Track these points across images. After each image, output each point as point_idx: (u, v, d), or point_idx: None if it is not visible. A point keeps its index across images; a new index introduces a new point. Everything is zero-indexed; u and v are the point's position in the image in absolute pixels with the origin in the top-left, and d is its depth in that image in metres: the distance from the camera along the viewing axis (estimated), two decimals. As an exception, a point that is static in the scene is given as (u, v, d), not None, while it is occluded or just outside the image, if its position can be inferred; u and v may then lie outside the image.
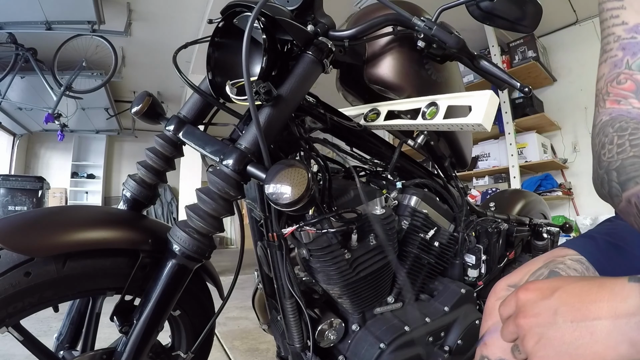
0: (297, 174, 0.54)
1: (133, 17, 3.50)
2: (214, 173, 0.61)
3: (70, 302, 0.75)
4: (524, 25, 0.69)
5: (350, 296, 0.72)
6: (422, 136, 0.85)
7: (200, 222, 0.61)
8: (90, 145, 6.93)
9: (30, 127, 5.97)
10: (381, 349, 0.71)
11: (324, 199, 0.68)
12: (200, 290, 0.78)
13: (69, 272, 0.58)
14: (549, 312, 0.33)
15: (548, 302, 0.33)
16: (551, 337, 0.32)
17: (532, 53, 3.24)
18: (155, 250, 0.65)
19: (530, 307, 0.34)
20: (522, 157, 3.26)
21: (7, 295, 0.54)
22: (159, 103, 0.75)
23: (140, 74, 4.76)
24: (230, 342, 1.80)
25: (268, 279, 0.80)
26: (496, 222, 1.00)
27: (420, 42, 0.71)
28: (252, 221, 0.80)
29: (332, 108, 0.82)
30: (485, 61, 0.72)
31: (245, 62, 0.53)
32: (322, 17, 0.70)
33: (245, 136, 0.62)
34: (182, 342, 0.79)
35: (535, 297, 0.34)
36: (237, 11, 0.65)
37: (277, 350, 0.90)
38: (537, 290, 0.35)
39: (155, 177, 0.73)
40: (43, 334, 1.65)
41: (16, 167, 6.09)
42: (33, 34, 3.39)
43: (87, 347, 0.72)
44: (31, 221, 0.58)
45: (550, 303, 0.33)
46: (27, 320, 0.58)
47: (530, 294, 0.35)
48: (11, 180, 3.93)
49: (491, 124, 0.67)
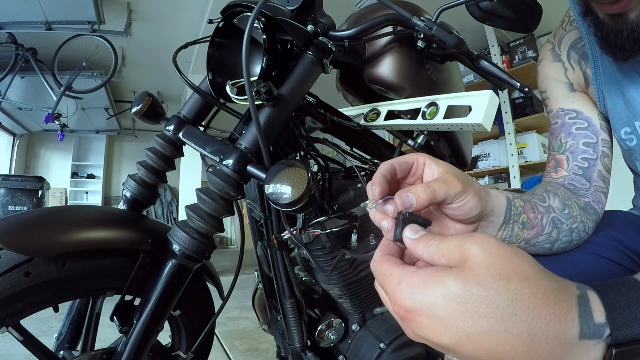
0: (297, 174, 0.54)
1: (133, 17, 3.50)
2: (214, 173, 0.61)
3: (70, 302, 0.75)
4: (524, 25, 0.69)
5: (350, 296, 0.72)
6: (422, 136, 0.85)
7: (200, 222, 0.61)
8: (90, 145, 6.93)
9: (30, 127, 5.98)
10: (381, 348, 0.71)
11: (324, 199, 0.68)
12: (200, 290, 0.78)
13: (69, 272, 0.58)
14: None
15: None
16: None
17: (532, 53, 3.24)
18: (155, 250, 0.65)
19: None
20: (522, 157, 3.26)
21: (7, 295, 0.54)
22: (159, 103, 0.75)
23: (140, 74, 4.76)
24: (230, 342, 1.80)
25: (268, 279, 0.80)
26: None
27: (420, 42, 0.71)
28: (252, 221, 0.81)
29: (332, 108, 0.82)
30: (485, 61, 0.72)
31: (245, 62, 0.53)
32: (322, 17, 0.70)
33: (245, 136, 0.62)
34: (182, 342, 0.79)
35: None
36: (237, 11, 0.65)
37: (277, 350, 0.90)
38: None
39: (155, 177, 0.73)
40: (43, 334, 1.65)
41: (16, 167, 6.09)
42: (33, 34, 3.39)
43: (87, 347, 0.72)
44: (31, 221, 0.58)
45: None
46: (27, 320, 0.58)
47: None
48: (11, 180, 3.94)
49: (491, 124, 0.67)
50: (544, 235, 0.53)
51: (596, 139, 0.63)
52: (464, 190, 0.38)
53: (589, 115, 0.65)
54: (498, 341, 0.24)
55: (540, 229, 0.52)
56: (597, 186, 0.62)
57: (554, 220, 0.54)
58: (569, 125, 0.65)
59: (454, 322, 0.25)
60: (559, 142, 0.65)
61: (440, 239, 0.30)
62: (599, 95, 0.63)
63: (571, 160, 0.63)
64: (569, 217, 0.56)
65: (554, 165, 0.65)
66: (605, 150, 0.64)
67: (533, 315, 0.24)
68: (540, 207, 0.53)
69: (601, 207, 0.63)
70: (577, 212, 0.57)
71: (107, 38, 3.50)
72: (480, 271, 0.26)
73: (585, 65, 0.64)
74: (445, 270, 0.27)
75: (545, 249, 0.55)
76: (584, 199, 0.61)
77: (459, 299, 0.25)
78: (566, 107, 0.67)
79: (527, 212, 0.51)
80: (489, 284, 0.25)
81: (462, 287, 0.25)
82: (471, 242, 0.27)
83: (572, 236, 0.56)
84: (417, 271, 0.28)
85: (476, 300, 0.25)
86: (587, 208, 0.60)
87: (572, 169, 0.63)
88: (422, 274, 0.28)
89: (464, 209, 0.39)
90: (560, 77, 0.68)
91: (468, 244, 0.27)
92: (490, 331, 0.24)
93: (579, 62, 0.66)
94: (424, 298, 0.26)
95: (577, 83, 0.67)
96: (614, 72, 0.60)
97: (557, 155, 0.65)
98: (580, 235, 0.57)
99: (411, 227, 0.33)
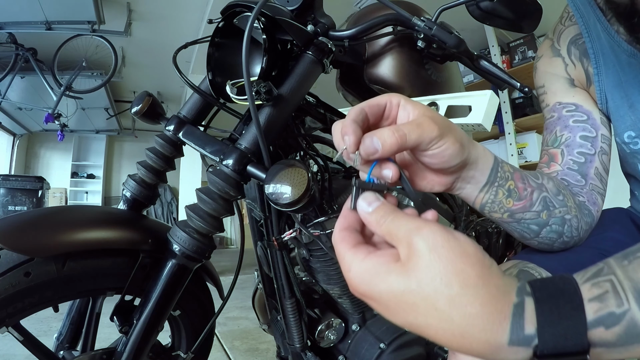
0: (297, 174, 0.54)
1: (133, 17, 3.50)
2: (214, 173, 0.61)
3: (70, 302, 0.75)
4: (524, 25, 0.69)
5: (350, 296, 0.72)
6: (422, 136, 0.85)
7: (200, 222, 0.61)
8: (90, 145, 6.94)
9: (30, 127, 5.98)
10: (381, 349, 0.71)
11: (324, 198, 0.68)
12: (200, 290, 0.78)
13: (69, 272, 0.58)
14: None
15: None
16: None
17: (532, 53, 3.24)
18: (155, 250, 0.65)
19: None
20: (522, 157, 3.26)
21: (7, 295, 0.54)
22: (159, 103, 0.75)
23: (140, 74, 4.76)
24: (230, 342, 1.80)
25: (268, 279, 0.80)
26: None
27: (420, 42, 0.71)
28: (252, 221, 0.80)
29: (332, 108, 0.82)
30: (485, 61, 0.72)
31: (245, 62, 0.53)
32: (322, 17, 0.70)
33: (245, 136, 0.62)
34: (182, 342, 0.79)
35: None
36: (237, 11, 0.65)
37: (277, 350, 0.90)
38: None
39: (155, 177, 0.73)
40: (43, 334, 1.65)
41: (16, 167, 6.10)
42: (33, 34, 3.39)
43: (87, 347, 0.72)
44: (31, 221, 0.58)
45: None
46: (27, 320, 0.58)
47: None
48: (11, 180, 3.94)
49: (491, 124, 0.67)
50: (532, 213, 0.48)
51: (595, 133, 0.58)
52: (441, 136, 0.34)
53: (588, 109, 0.60)
54: (437, 333, 0.27)
55: (529, 203, 0.47)
56: (594, 185, 0.57)
57: (546, 200, 0.48)
58: (565, 118, 0.60)
59: (397, 313, 0.28)
60: (553, 136, 0.60)
61: (392, 217, 0.29)
62: (601, 97, 0.59)
63: (566, 154, 0.58)
64: (563, 205, 0.50)
65: (547, 160, 0.60)
66: (604, 147, 0.58)
67: (467, 322, 0.26)
68: (532, 181, 0.48)
69: (597, 209, 0.57)
70: (571, 204, 0.51)
71: (107, 38, 3.50)
72: (422, 273, 0.26)
73: (587, 63, 0.60)
74: (389, 266, 0.28)
75: (531, 232, 0.50)
76: (578, 197, 0.55)
77: (400, 296, 0.27)
78: (564, 100, 0.62)
79: (515, 180, 0.46)
80: (430, 288, 0.26)
81: (403, 286, 0.27)
82: (419, 237, 0.27)
83: (563, 228, 0.51)
84: (366, 259, 0.29)
85: (416, 299, 0.26)
86: (581, 208, 0.53)
87: (567, 164, 0.57)
88: (369, 264, 0.28)
89: (442, 157, 0.36)
90: (560, 72, 0.64)
91: (415, 239, 0.27)
92: (430, 326, 0.27)
93: (580, 59, 0.62)
94: (370, 288, 0.28)
95: (578, 79, 0.62)
96: (617, 73, 0.57)
97: (550, 150, 0.60)
98: (572, 232, 0.52)
99: (365, 196, 0.31)
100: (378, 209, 0.30)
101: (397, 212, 0.30)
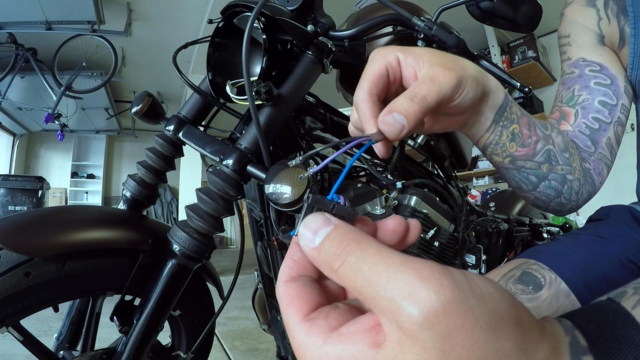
0: (297, 174, 0.54)
1: (133, 17, 3.50)
2: (214, 173, 0.61)
3: (70, 302, 0.75)
4: (524, 25, 0.69)
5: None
6: (422, 136, 0.85)
7: (200, 222, 0.61)
8: (90, 145, 6.94)
9: (30, 127, 5.98)
10: (381, 349, 0.71)
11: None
12: (200, 290, 0.78)
13: (69, 272, 0.58)
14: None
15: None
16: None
17: (532, 53, 3.24)
18: (155, 250, 0.65)
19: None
20: (522, 157, 3.26)
21: (7, 295, 0.54)
22: (159, 103, 0.75)
23: (140, 74, 4.76)
24: (230, 342, 1.80)
25: (268, 279, 0.80)
26: (496, 222, 1.00)
27: (420, 42, 0.71)
28: (252, 221, 0.80)
29: (332, 108, 0.82)
30: (485, 61, 0.72)
31: (245, 62, 0.53)
32: (322, 17, 0.70)
33: (245, 136, 0.63)
34: (182, 342, 0.79)
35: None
36: (237, 11, 0.65)
37: (277, 350, 0.90)
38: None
39: (155, 177, 0.73)
40: (43, 334, 1.65)
41: (16, 167, 6.10)
42: (33, 34, 3.40)
43: (87, 347, 0.72)
44: (31, 221, 0.58)
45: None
46: (27, 320, 0.58)
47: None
48: (11, 180, 3.94)
49: (491, 124, 0.67)
50: (533, 163, 0.45)
51: (616, 101, 0.53)
52: (460, 81, 0.30)
53: (614, 73, 0.54)
54: None
55: (532, 152, 0.44)
56: (602, 154, 0.53)
57: (550, 154, 0.45)
58: (587, 78, 0.55)
59: None
60: (570, 94, 0.55)
61: (361, 258, 0.18)
62: (633, 62, 0.53)
63: (580, 116, 0.53)
64: (567, 163, 0.46)
65: (558, 116, 0.55)
66: (622, 118, 0.53)
67: None
68: (539, 130, 0.44)
69: (600, 180, 0.53)
70: (577, 166, 0.48)
71: (107, 38, 3.50)
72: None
73: (624, 22, 0.54)
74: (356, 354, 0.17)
75: (529, 184, 0.47)
76: (585, 163, 0.51)
77: None
78: (589, 58, 0.56)
79: (520, 125, 0.42)
80: None
81: None
82: (422, 317, 0.15)
83: (562, 187, 0.47)
84: (326, 344, 0.18)
85: None
86: (585, 174, 0.50)
87: (579, 126, 0.53)
88: (333, 355, 0.17)
89: (464, 103, 0.31)
90: (590, 24, 0.57)
91: (415, 318, 0.15)
92: None
93: (617, 15, 0.55)
94: None
95: (609, 38, 0.56)
96: None
97: (564, 108, 0.55)
98: (571, 195, 0.48)
99: (311, 219, 0.20)
100: (331, 237, 0.19)
101: (370, 245, 0.18)
